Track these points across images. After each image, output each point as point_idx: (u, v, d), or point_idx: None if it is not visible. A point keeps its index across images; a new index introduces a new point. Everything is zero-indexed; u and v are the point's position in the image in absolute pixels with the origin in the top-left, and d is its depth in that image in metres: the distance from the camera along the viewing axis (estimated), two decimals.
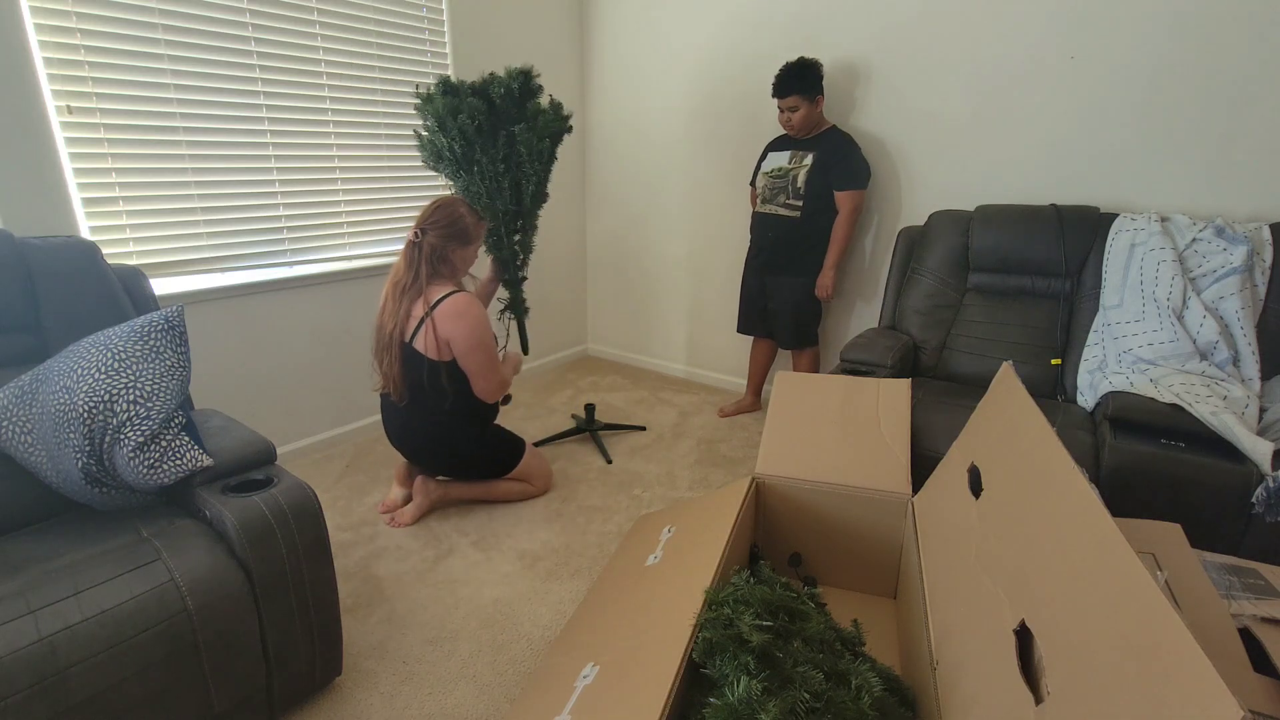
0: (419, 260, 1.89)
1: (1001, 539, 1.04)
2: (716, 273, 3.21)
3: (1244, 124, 1.97)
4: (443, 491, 2.11)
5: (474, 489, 2.16)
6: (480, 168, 2.08)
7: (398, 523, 2.04)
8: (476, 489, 2.16)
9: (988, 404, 1.37)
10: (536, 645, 1.57)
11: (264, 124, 2.21)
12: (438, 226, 1.89)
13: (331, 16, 2.32)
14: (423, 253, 1.89)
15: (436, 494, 2.10)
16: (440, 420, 2.00)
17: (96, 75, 1.84)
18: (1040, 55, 2.23)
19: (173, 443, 1.27)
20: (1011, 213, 2.22)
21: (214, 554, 1.18)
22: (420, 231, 1.89)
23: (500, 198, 2.13)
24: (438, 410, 1.98)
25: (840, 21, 2.59)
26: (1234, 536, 1.49)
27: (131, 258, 1.99)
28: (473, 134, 2.03)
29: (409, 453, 2.11)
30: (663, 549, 1.48)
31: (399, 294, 1.90)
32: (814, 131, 2.53)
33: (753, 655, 0.98)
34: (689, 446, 2.67)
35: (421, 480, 2.09)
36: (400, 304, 1.89)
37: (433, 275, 1.91)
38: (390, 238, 2.69)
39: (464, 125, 2.01)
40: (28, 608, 1.01)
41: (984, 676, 0.91)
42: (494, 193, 2.12)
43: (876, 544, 1.56)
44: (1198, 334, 1.85)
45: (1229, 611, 1.05)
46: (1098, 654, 0.71)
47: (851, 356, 2.08)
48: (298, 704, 1.39)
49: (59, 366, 1.26)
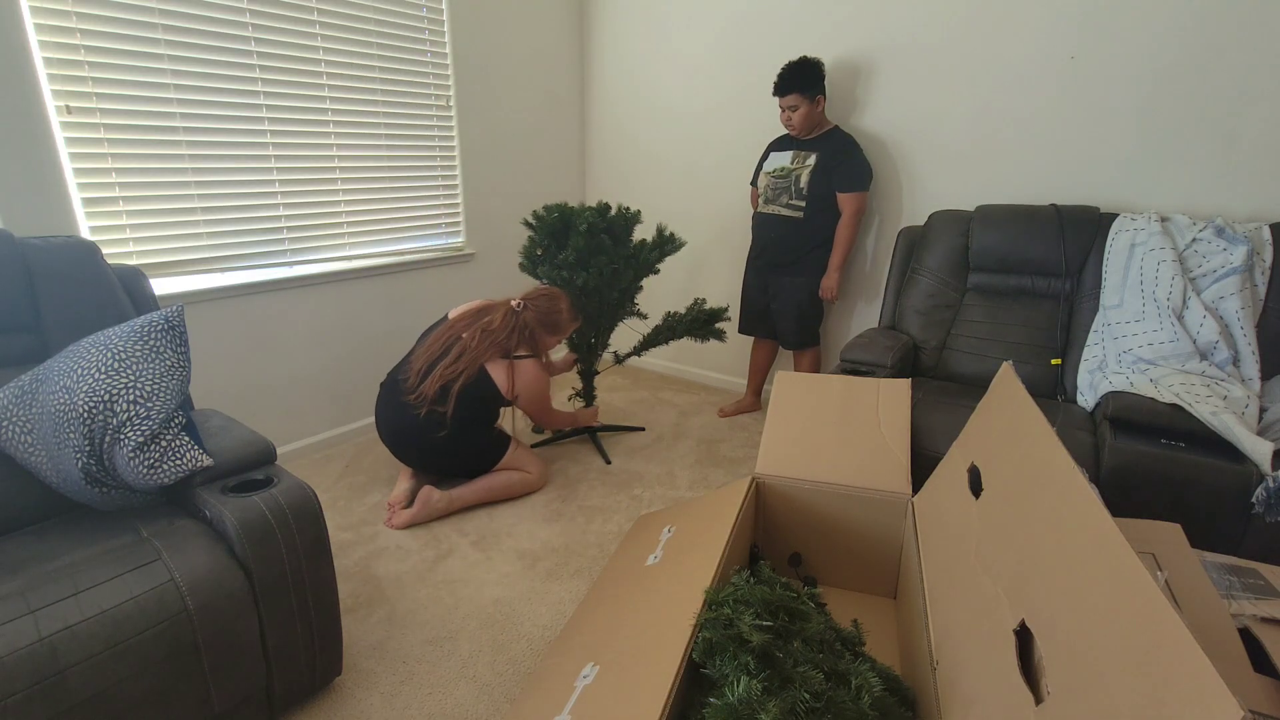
0: (513, 327, 2.12)
1: (1001, 539, 1.04)
2: (717, 273, 3.21)
3: (1244, 124, 1.97)
4: (447, 503, 2.10)
5: (476, 491, 2.15)
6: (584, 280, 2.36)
7: (392, 523, 2.04)
8: (479, 490, 2.15)
9: (988, 404, 1.37)
10: (536, 645, 1.57)
11: (264, 124, 2.21)
12: (539, 309, 2.15)
13: (331, 16, 2.32)
14: (517, 322, 2.13)
15: (440, 505, 2.08)
16: (462, 423, 2.06)
17: (96, 75, 1.84)
18: (1041, 55, 2.23)
19: (173, 443, 1.27)
20: (1011, 213, 2.22)
21: (214, 554, 1.18)
22: (524, 304, 2.15)
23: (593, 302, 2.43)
24: (461, 418, 2.05)
25: (841, 21, 2.59)
26: (1234, 536, 1.49)
27: (131, 258, 1.99)
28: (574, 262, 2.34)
29: (404, 451, 2.13)
30: (663, 549, 1.48)
31: (482, 336, 2.08)
32: (816, 132, 2.53)
33: (753, 655, 0.98)
34: (689, 446, 2.67)
35: (427, 490, 2.08)
36: (481, 342, 2.07)
37: (519, 345, 2.14)
38: (390, 238, 2.69)
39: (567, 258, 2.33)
40: (28, 608, 1.01)
41: (984, 676, 0.91)
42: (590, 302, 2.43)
43: (876, 544, 1.56)
44: (1198, 334, 1.85)
45: (1229, 611, 1.05)
46: (1098, 654, 0.71)
47: (851, 356, 2.08)
48: (298, 704, 1.39)
49: (59, 366, 1.26)
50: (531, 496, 2.25)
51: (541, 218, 2.41)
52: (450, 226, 2.94)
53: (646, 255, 2.45)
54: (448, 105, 2.79)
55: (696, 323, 2.50)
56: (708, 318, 2.51)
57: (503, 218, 3.14)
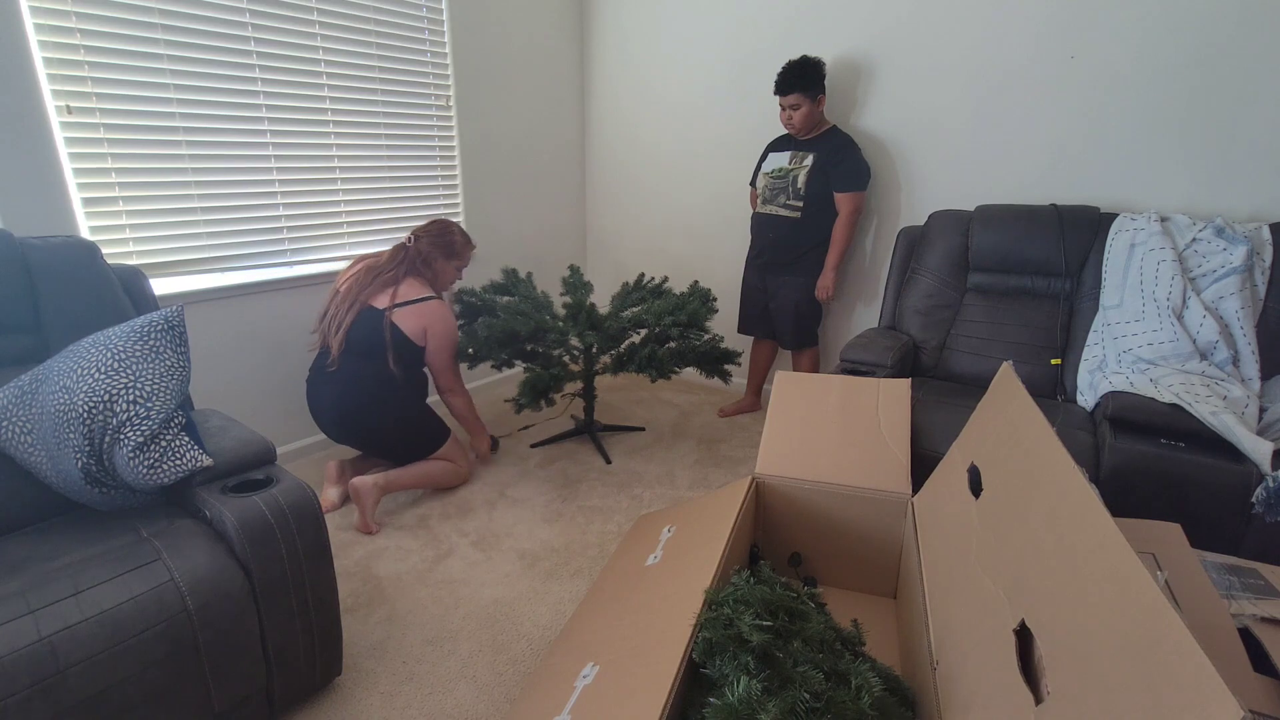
0: (404, 259, 2.17)
1: (1001, 539, 1.04)
2: (717, 273, 3.21)
3: (1244, 124, 1.97)
4: (384, 485, 2.05)
5: (413, 475, 2.15)
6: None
7: (368, 530, 2.01)
8: (415, 475, 2.15)
9: (988, 404, 1.37)
10: (536, 645, 1.57)
11: (264, 124, 2.21)
12: (431, 236, 2.21)
13: (331, 16, 2.32)
14: (409, 253, 2.18)
15: (376, 491, 2.03)
16: (383, 380, 2.06)
17: (96, 75, 1.84)
18: (1040, 55, 2.23)
19: (173, 443, 1.27)
20: (1011, 213, 2.22)
21: (214, 554, 1.18)
22: (414, 237, 2.20)
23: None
24: (382, 373, 2.06)
25: (841, 21, 2.59)
26: (1234, 536, 1.49)
27: (131, 258, 1.99)
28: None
29: (338, 420, 2.09)
30: (663, 549, 1.48)
31: (371, 276, 2.12)
32: (815, 132, 2.53)
33: (753, 655, 0.98)
34: (689, 446, 2.67)
35: (356, 483, 2.01)
36: (370, 282, 2.11)
37: (409, 274, 2.16)
38: (390, 238, 2.69)
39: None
40: (28, 608, 1.01)
41: (984, 676, 0.91)
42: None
43: (876, 544, 1.56)
44: (1198, 334, 1.85)
45: (1229, 611, 1.05)
46: (1098, 654, 0.71)
47: (851, 356, 2.08)
48: (298, 704, 1.39)
49: (59, 366, 1.26)
50: (532, 497, 2.25)
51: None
52: None
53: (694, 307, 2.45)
54: (448, 105, 2.79)
55: (708, 357, 2.50)
56: (720, 356, 2.51)
57: (503, 218, 3.14)
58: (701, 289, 2.53)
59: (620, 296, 2.62)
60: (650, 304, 2.45)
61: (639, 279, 2.71)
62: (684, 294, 2.50)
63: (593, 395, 2.69)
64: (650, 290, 2.61)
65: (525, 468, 2.47)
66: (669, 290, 2.58)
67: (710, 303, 2.50)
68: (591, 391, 2.67)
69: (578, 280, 2.64)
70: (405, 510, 2.15)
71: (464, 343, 2.40)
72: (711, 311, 2.48)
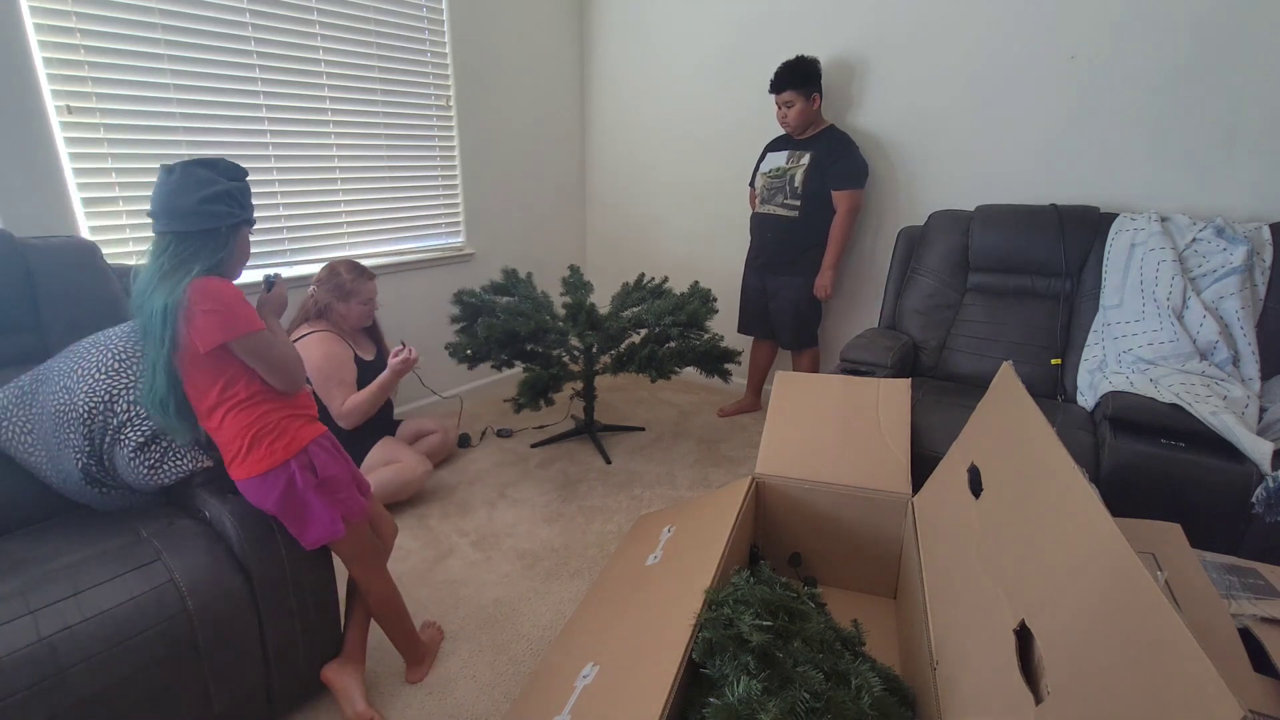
0: (302, 313, 2.14)
1: (1001, 539, 1.04)
2: (717, 273, 3.21)
3: (1244, 124, 1.97)
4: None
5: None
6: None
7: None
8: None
9: (988, 404, 1.37)
10: (536, 645, 1.57)
11: (264, 124, 2.21)
12: (321, 284, 2.13)
13: (331, 16, 2.32)
14: (305, 308, 2.14)
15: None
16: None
17: (96, 75, 1.84)
18: (1041, 55, 2.23)
19: (173, 443, 1.27)
20: (1011, 213, 2.22)
21: (214, 554, 1.18)
22: (313, 288, 2.14)
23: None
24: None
25: (841, 21, 2.59)
26: (1234, 536, 1.49)
27: (131, 258, 1.99)
28: None
29: None
30: (663, 549, 1.48)
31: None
32: (811, 131, 2.53)
33: (753, 655, 0.98)
34: (689, 446, 2.67)
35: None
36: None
37: (307, 320, 2.12)
38: (390, 237, 2.69)
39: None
40: (27, 608, 1.01)
41: (984, 676, 0.91)
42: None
43: (876, 544, 1.56)
44: (1198, 334, 1.85)
45: (1229, 611, 1.04)
46: (1098, 654, 0.71)
47: (851, 356, 2.08)
48: (298, 704, 1.38)
49: (59, 366, 1.26)
50: (532, 497, 2.25)
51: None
52: (450, 226, 2.94)
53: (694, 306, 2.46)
54: (448, 105, 2.79)
55: (708, 357, 2.49)
56: (720, 355, 2.51)
57: (503, 218, 3.14)
58: (701, 289, 2.53)
59: (620, 297, 2.62)
60: (650, 304, 2.45)
61: (639, 279, 2.71)
62: (684, 294, 2.50)
63: (593, 395, 2.69)
64: (650, 290, 2.61)
65: (525, 468, 2.47)
66: (669, 290, 2.58)
67: (710, 303, 2.50)
68: (591, 391, 2.67)
69: (578, 280, 2.64)
70: (405, 510, 2.15)
71: (463, 343, 2.40)
72: (711, 312, 2.47)
